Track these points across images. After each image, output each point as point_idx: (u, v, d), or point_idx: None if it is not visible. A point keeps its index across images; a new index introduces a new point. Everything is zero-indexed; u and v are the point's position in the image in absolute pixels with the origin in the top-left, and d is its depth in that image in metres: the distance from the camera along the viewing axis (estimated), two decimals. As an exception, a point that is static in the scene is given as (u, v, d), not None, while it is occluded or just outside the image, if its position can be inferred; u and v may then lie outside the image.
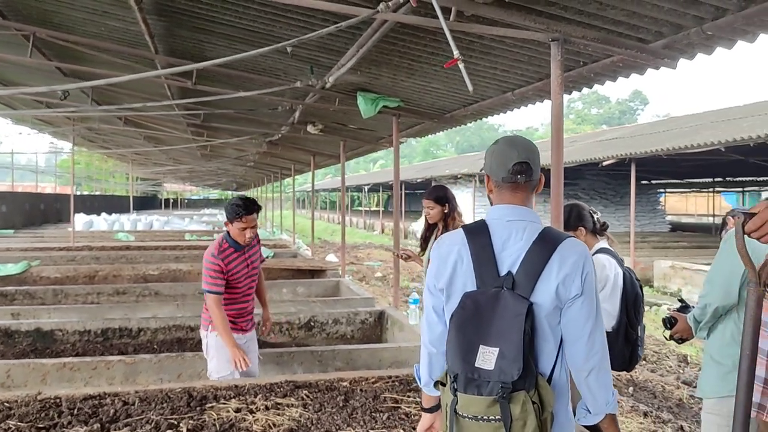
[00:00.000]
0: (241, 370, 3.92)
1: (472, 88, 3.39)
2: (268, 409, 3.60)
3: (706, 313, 2.99)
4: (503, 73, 5.10)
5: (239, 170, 26.08)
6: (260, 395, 3.80)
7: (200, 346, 6.27)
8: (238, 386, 3.94)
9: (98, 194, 43.02)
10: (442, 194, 4.53)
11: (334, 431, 3.33)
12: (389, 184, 34.84)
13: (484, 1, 3.45)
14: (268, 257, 11.13)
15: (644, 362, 7.43)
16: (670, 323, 3.40)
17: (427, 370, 2.19)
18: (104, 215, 23.95)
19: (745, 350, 1.68)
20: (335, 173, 60.71)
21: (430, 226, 4.66)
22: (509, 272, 1.95)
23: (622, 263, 3.66)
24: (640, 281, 3.75)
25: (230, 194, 72.00)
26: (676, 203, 44.77)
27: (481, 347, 1.88)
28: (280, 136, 11.38)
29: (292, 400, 3.75)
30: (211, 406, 3.65)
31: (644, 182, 25.49)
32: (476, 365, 1.86)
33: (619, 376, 6.33)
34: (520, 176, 2.02)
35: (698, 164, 18.37)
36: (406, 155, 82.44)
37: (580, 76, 4.51)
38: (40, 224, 23.35)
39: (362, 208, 52.30)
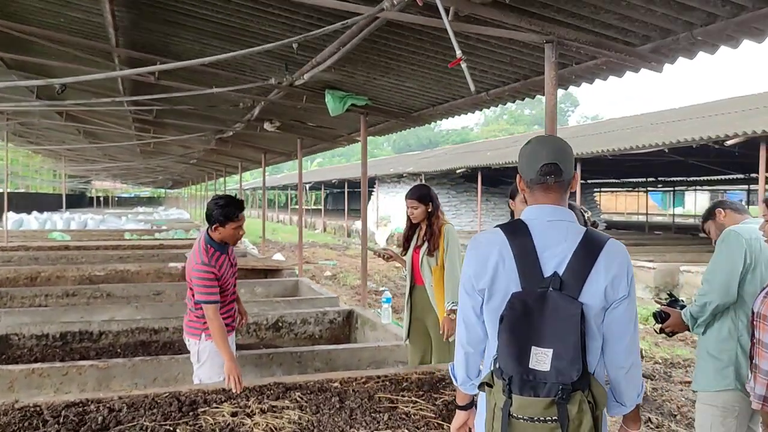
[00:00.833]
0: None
1: (474, 87, 3.41)
2: (264, 412, 3.52)
3: (705, 311, 3.10)
4: (481, 73, 5.14)
5: (179, 167, 25.42)
6: (252, 398, 3.71)
7: (167, 348, 6.18)
8: (226, 389, 3.84)
9: (23, 191, 41.20)
10: (425, 193, 4.54)
11: (337, 433, 3.30)
12: (331, 182, 34.73)
13: (482, 1, 3.48)
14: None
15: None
16: (660, 317, 3.52)
17: (464, 369, 2.20)
18: (35, 214, 22.99)
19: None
20: (272, 171, 60.01)
21: (412, 225, 4.65)
22: (555, 273, 1.96)
23: None
24: None
25: (164, 192, 70.46)
26: (606, 202, 46.34)
27: (533, 348, 1.89)
28: (232, 133, 11.15)
29: (286, 402, 3.68)
30: (203, 410, 3.54)
31: (582, 182, 26.30)
32: (530, 366, 1.88)
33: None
34: (549, 177, 2.04)
35: (635, 164, 19.08)
36: (343, 153, 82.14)
37: (562, 78, 4.60)
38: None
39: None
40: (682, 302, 3.54)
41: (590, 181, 27.86)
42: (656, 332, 3.60)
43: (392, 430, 3.35)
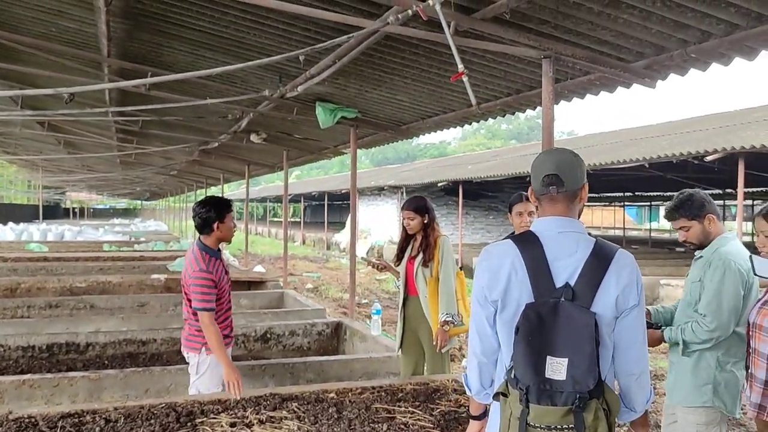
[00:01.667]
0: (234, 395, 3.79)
1: (475, 101, 3.47)
2: (263, 422, 3.51)
3: (710, 343, 3.09)
4: (474, 87, 5.18)
5: (159, 179, 25.21)
6: (249, 409, 3.70)
7: (155, 360, 6.12)
8: (221, 400, 3.82)
9: (-2, 203, 40.56)
10: (422, 204, 4.59)
11: (337, 443, 3.30)
12: (311, 194, 34.66)
13: (482, 17, 3.55)
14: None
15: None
16: None
17: (477, 379, 2.21)
18: (11, 224, 22.61)
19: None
20: (252, 183, 59.79)
21: (407, 236, 4.69)
22: (567, 283, 2.00)
23: None
24: None
25: (140, 203, 69.76)
26: (582, 216, 46.73)
27: (548, 358, 1.93)
28: (217, 144, 11.11)
29: (284, 413, 3.67)
30: (201, 421, 3.52)
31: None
32: (546, 376, 1.91)
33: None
34: (551, 188, 2.08)
35: (611, 179, 19.32)
36: (321, 166, 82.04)
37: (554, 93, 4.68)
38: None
39: (279, 219, 51.68)
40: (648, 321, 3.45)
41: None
42: None
43: (393, 440, 3.36)
